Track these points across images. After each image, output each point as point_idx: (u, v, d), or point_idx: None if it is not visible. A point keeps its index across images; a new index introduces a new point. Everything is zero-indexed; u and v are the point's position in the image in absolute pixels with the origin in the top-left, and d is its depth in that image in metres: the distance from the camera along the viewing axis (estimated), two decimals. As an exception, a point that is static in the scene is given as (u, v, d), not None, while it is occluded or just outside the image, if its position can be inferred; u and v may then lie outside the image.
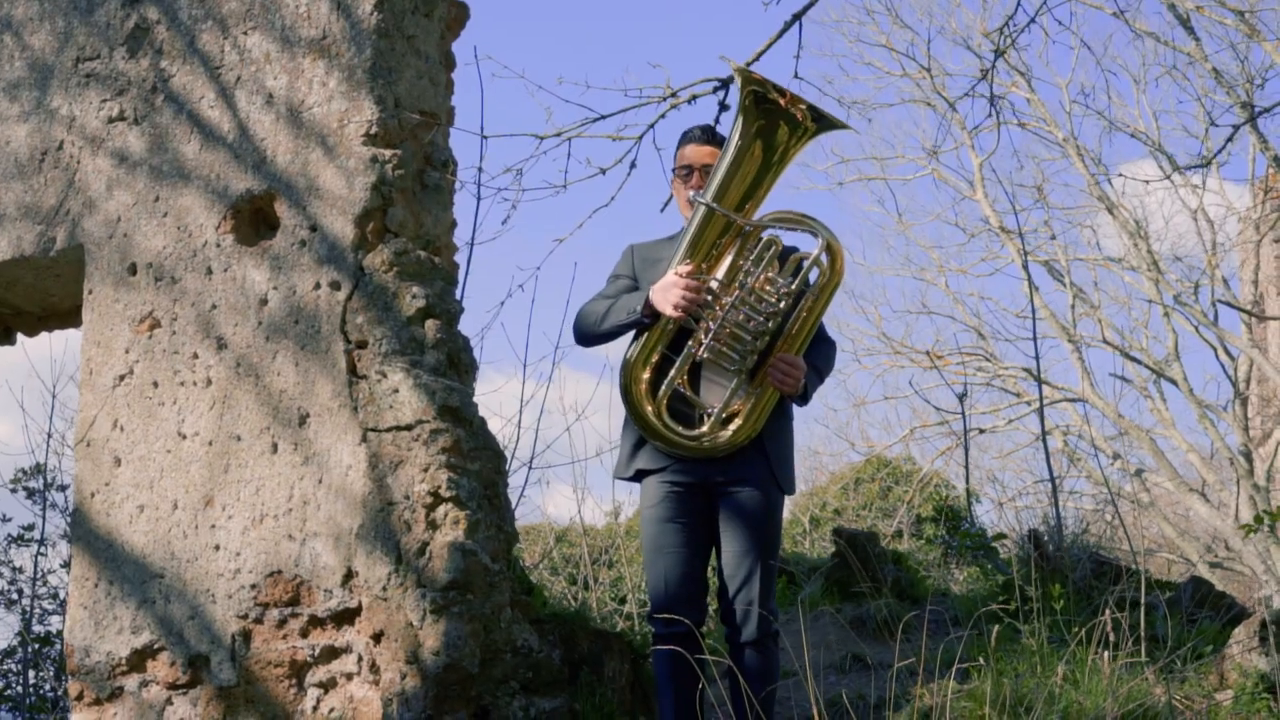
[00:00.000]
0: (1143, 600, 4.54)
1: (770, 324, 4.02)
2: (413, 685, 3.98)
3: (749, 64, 3.91)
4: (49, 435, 7.69)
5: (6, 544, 8.32)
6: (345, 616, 4.24)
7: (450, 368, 4.32)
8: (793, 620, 5.87)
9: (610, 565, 11.50)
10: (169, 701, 4.52)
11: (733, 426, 4.02)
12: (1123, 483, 16.56)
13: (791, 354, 4.06)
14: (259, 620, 4.37)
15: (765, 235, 4.07)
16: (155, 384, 4.70)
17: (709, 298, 4.01)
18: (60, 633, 8.11)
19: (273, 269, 4.53)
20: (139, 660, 4.59)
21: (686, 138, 4.34)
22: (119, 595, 4.65)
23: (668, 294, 3.99)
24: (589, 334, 4.23)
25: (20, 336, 5.91)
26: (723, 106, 4.12)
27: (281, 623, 4.34)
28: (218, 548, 4.48)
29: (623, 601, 10.19)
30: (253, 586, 4.38)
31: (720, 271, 4.05)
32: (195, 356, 4.63)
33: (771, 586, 4.11)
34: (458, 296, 4.65)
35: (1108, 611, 3.56)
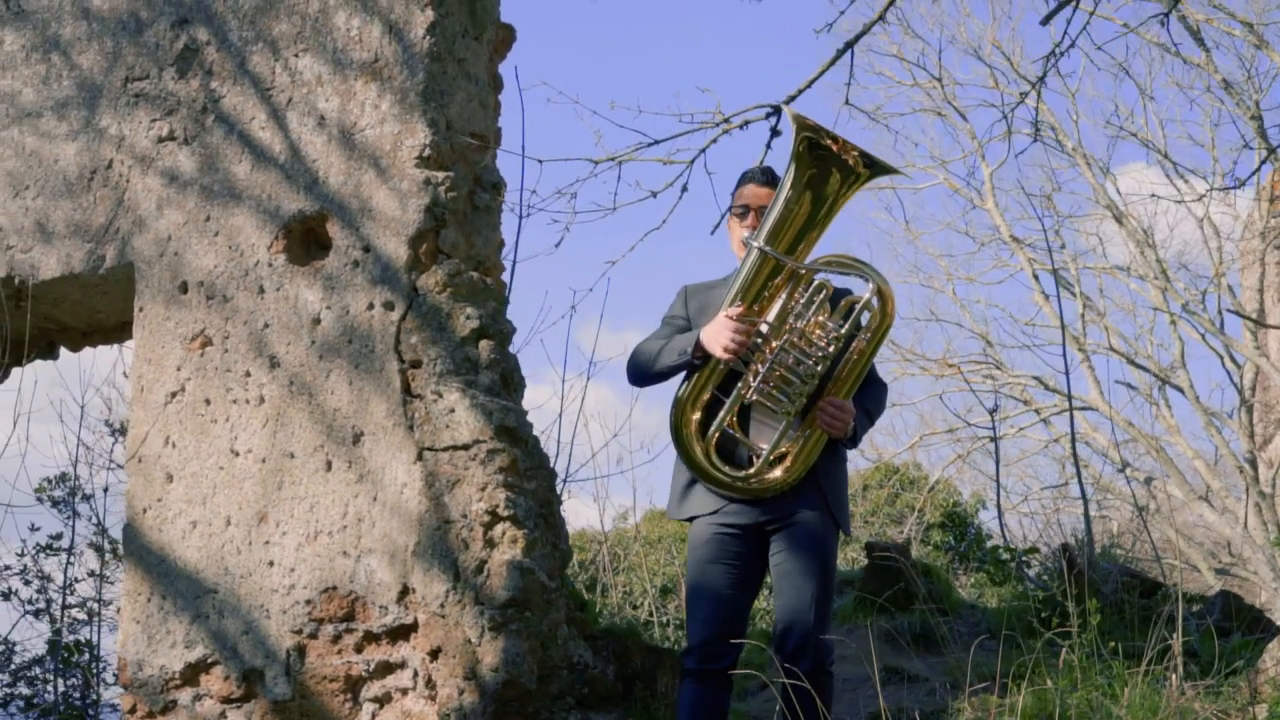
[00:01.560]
0: (1179, 615, 4.61)
1: (819, 367, 4.03)
2: (471, 701, 4.04)
3: (801, 91, 3.97)
4: (78, 444, 7.75)
5: (35, 553, 8.36)
6: (400, 632, 4.31)
7: (503, 387, 4.39)
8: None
9: (626, 571, 11.59)
10: (223, 715, 4.58)
11: (781, 468, 4.03)
12: (1128, 488, 16.64)
13: (840, 397, 4.06)
14: (314, 635, 4.44)
15: (817, 279, 4.08)
16: (207, 401, 4.77)
17: (759, 340, 4.02)
18: (89, 642, 8.17)
19: (325, 289, 4.60)
20: (192, 674, 4.65)
21: (746, 177, 4.36)
22: (172, 610, 4.71)
23: (718, 336, 4.01)
24: (643, 374, 4.24)
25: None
26: (774, 132, 4.17)
27: (336, 638, 4.40)
28: (272, 564, 4.54)
29: (636, 607, 10.26)
30: (307, 602, 4.45)
31: (772, 314, 4.07)
32: (248, 374, 4.70)
33: (827, 619, 4.09)
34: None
35: (1177, 636, 3.62)
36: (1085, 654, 4.63)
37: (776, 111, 4.10)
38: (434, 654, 4.18)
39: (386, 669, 4.34)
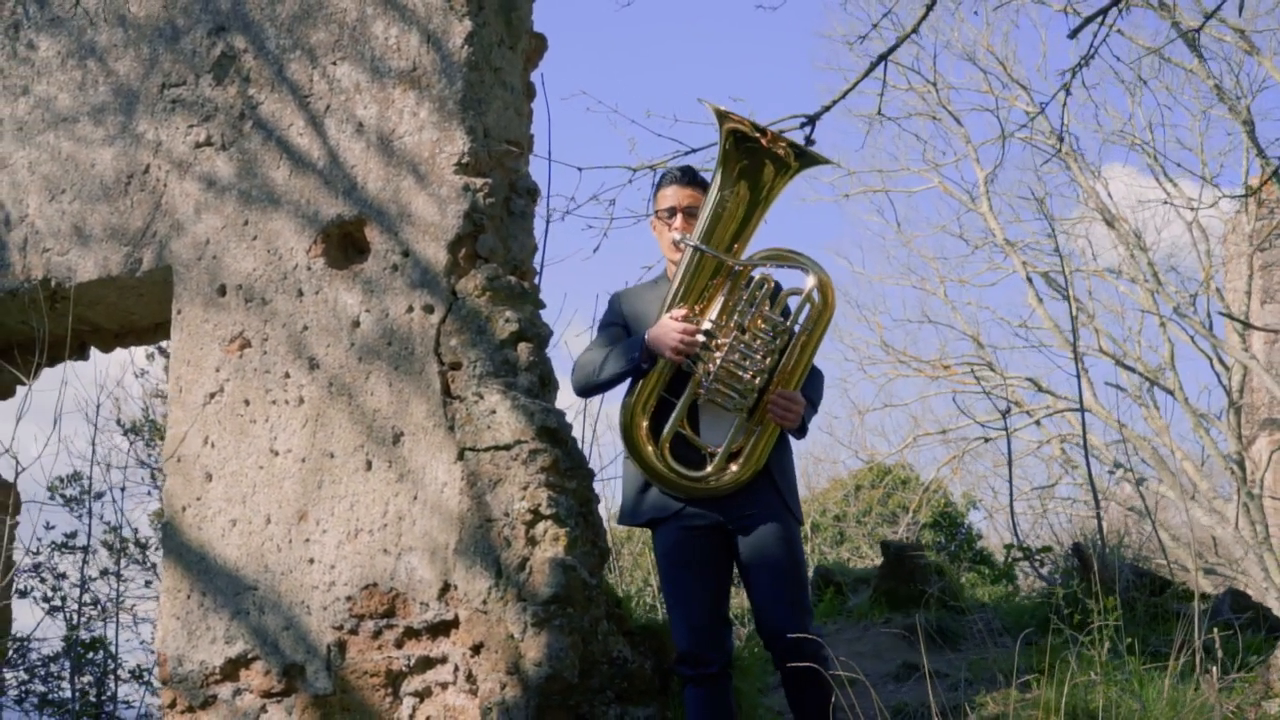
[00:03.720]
0: (1196, 612, 4.74)
1: (767, 361, 4.10)
2: (513, 695, 4.15)
3: (835, 102, 4.08)
4: (93, 443, 7.82)
5: (50, 551, 8.44)
6: (441, 628, 4.41)
7: (541, 388, 4.50)
8: (843, 630, 6.06)
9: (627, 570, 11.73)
10: (263, 709, 4.68)
11: (736, 465, 4.11)
12: (1117, 488, 16.84)
13: (789, 389, 4.14)
14: (354, 631, 4.54)
15: (757, 274, 4.15)
16: (246, 402, 4.86)
17: (705, 338, 4.09)
18: (103, 639, 8.25)
19: (365, 292, 4.70)
20: (232, 669, 4.75)
21: (666, 179, 4.42)
22: (212, 606, 4.80)
23: (665, 337, 4.08)
24: (588, 384, 4.32)
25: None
26: (808, 141, 4.28)
27: (377, 634, 4.50)
28: (312, 561, 4.64)
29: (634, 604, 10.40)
30: (348, 599, 4.55)
31: (713, 312, 4.14)
32: (287, 376, 4.80)
33: (809, 610, 4.18)
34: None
35: (1198, 633, 3.75)
36: (1105, 650, 4.76)
37: (811, 121, 4.21)
38: (476, 649, 4.29)
39: (427, 664, 4.44)
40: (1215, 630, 3.88)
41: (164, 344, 8.75)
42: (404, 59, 4.77)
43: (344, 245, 4.85)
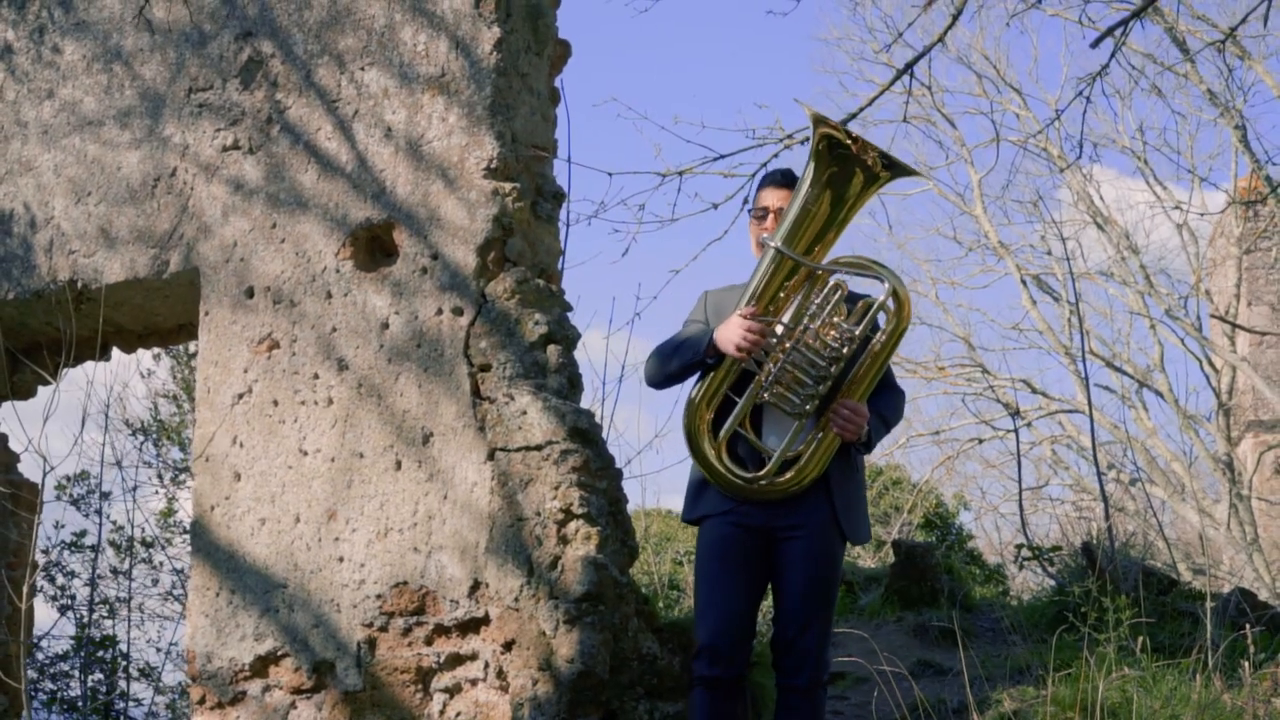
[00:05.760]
0: (1208, 611, 4.84)
1: (833, 368, 4.04)
2: (545, 691, 4.22)
3: (861, 109, 4.17)
4: (104, 444, 7.86)
5: (59, 549, 8.50)
6: (471, 625, 4.48)
7: (570, 390, 4.58)
8: (856, 628, 6.14)
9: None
10: (293, 706, 4.75)
11: (792, 470, 4.06)
12: (1114, 491, 16.97)
13: (854, 400, 4.08)
14: (384, 629, 4.61)
15: (833, 279, 4.10)
16: (275, 402, 4.93)
17: (772, 340, 4.06)
18: (114, 637, 8.30)
19: (394, 294, 4.77)
20: (262, 666, 4.81)
21: (766, 180, 4.40)
22: (241, 604, 4.87)
23: (731, 335, 4.04)
24: (657, 375, 4.30)
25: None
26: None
27: (407, 631, 4.57)
28: (342, 559, 4.71)
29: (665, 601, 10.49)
30: (378, 597, 4.62)
31: (785, 315, 4.10)
32: (316, 377, 4.86)
33: (828, 636, 4.15)
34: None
35: (1206, 629, 3.84)
36: (1117, 647, 4.86)
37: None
38: (507, 646, 4.36)
39: (457, 660, 4.51)
40: (1248, 627, 3.96)
41: (173, 347, 8.80)
42: (433, 65, 4.84)
43: (372, 248, 4.92)
